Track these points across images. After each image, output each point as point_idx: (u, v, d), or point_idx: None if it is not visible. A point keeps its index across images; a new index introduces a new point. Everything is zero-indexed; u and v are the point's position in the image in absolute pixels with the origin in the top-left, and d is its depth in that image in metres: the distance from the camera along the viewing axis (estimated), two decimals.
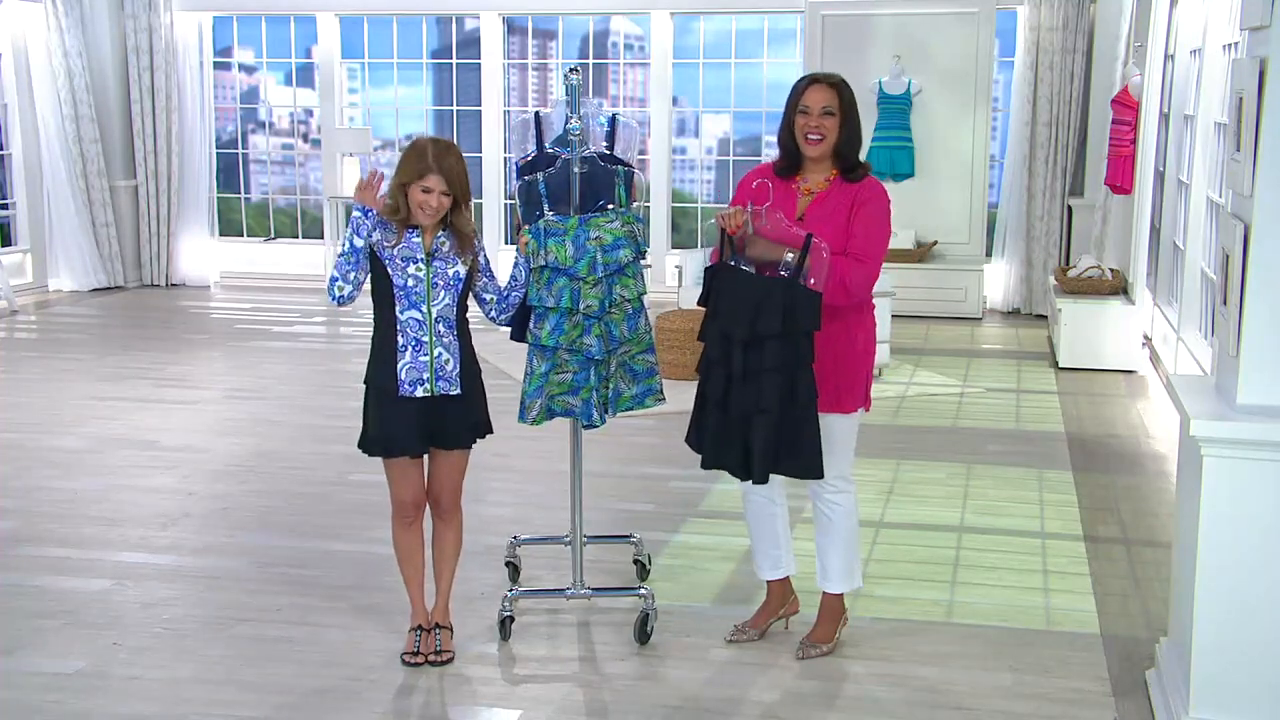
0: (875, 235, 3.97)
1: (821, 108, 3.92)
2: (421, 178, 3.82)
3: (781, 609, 4.36)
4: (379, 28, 12.38)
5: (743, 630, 4.32)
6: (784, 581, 4.33)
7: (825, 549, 4.20)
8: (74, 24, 11.46)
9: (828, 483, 4.09)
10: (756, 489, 4.18)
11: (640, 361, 4.26)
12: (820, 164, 3.99)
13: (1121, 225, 9.48)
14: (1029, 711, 3.83)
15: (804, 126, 3.93)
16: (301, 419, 7.25)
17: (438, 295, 3.92)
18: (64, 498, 5.81)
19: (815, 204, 3.98)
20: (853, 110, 3.97)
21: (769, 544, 4.28)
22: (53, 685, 3.98)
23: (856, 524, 4.20)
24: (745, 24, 11.78)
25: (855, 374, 4.04)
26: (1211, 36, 7.41)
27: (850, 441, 4.12)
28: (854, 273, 3.90)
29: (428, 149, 3.84)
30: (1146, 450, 6.72)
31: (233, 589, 4.77)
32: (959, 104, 10.49)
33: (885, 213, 4.01)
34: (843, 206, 3.96)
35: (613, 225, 4.11)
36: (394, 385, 3.91)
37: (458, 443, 4.06)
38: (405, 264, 3.89)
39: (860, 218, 3.95)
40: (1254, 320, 3.43)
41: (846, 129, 3.94)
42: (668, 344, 8.09)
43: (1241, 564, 3.44)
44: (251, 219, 13.06)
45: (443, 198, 3.84)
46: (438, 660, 4.11)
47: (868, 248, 3.95)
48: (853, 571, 4.22)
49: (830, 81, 3.96)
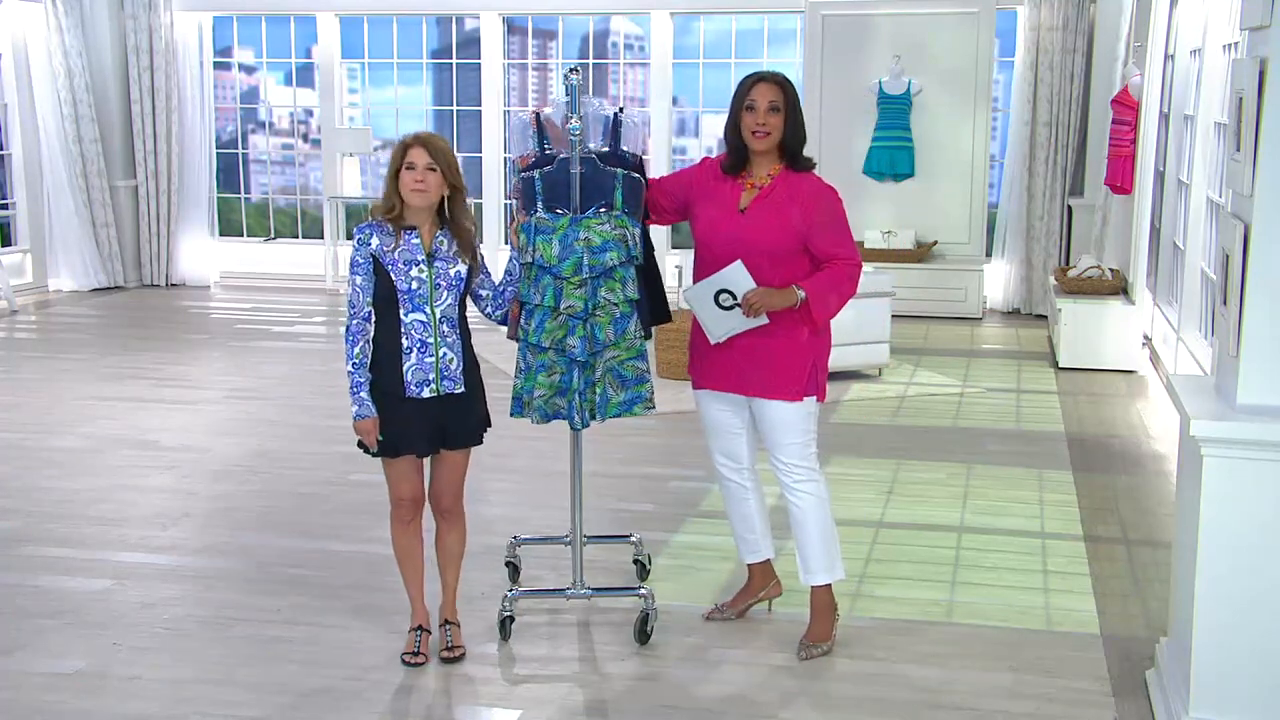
0: (843, 231, 4.09)
1: (768, 104, 4.01)
2: (404, 155, 3.86)
3: (762, 591, 4.46)
4: (379, 28, 12.38)
5: (721, 610, 4.45)
6: (764, 565, 4.45)
7: (802, 541, 4.22)
8: (74, 24, 11.46)
9: (791, 471, 4.15)
10: (729, 475, 4.32)
11: (630, 368, 4.22)
12: (766, 158, 4.08)
13: (1121, 225, 9.48)
14: (1029, 711, 3.83)
15: (750, 123, 4.02)
16: (301, 419, 7.25)
17: (440, 296, 3.93)
18: (64, 498, 5.81)
19: (760, 197, 4.06)
20: (796, 106, 4.07)
21: (744, 528, 4.40)
22: (53, 685, 3.98)
23: (829, 514, 4.22)
24: (745, 24, 11.78)
25: (800, 362, 4.09)
26: (1211, 36, 7.41)
27: (804, 429, 4.14)
28: (847, 274, 4.05)
29: (406, 135, 3.92)
30: (1146, 450, 6.72)
31: (233, 589, 4.77)
32: (959, 104, 10.49)
33: (839, 206, 4.11)
34: (789, 200, 4.03)
35: (604, 227, 4.10)
36: (400, 388, 3.92)
37: (465, 441, 4.07)
38: (407, 267, 3.89)
39: (820, 223, 4.03)
40: (1254, 320, 3.43)
41: (791, 124, 4.04)
42: (667, 344, 8.09)
43: (1241, 564, 3.43)
44: (251, 219, 13.06)
45: (428, 171, 3.85)
46: (449, 656, 4.12)
47: (842, 246, 4.06)
48: (833, 563, 4.23)
49: (775, 79, 4.06)
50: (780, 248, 4.00)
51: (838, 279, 4.03)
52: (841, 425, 7.16)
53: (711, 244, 4.09)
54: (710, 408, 4.28)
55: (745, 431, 4.28)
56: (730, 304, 4.01)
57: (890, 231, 10.51)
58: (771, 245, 4.00)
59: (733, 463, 4.33)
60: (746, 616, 4.48)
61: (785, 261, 4.01)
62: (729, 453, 4.32)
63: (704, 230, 4.12)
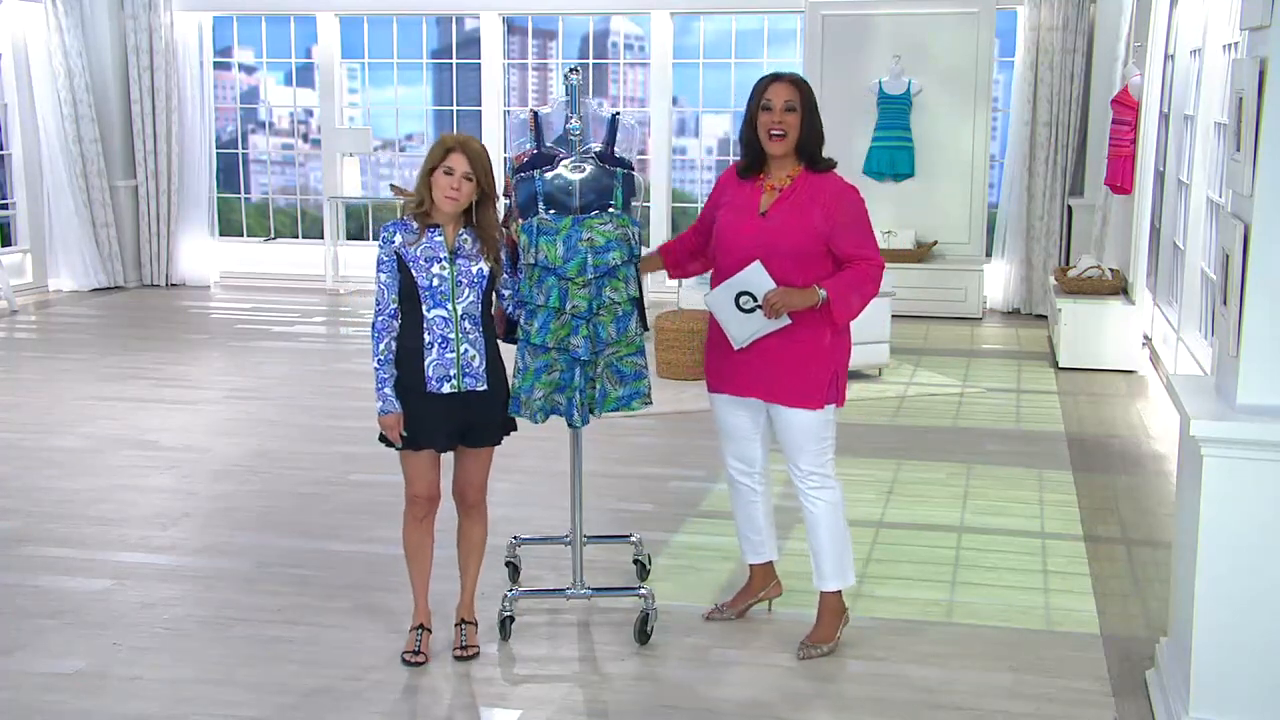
0: (866, 232, 4.07)
1: (784, 103, 3.98)
2: (444, 158, 3.87)
3: (762, 591, 4.46)
4: (379, 28, 12.37)
5: (721, 610, 4.45)
6: (765, 566, 4.44)
7: (815, 547, 4.22)
8: (74, 24, 11.45)
9: (807, 478, 4.14)
10: (740, 478, 4.28)
11: (628, 364, 4.23)
12: (784, 161, 4.05)
13: (1121, 225, 9.48)
14: (1029, 711, 3.83)
15: (767, 123, 3.99)
16: (301, 419, 7.25)
17: (462, 293, 3.95)
18: (64, 498, 5.81)
19: (781, 199, 4.03)
20: (813, 107, 4.04)
21: (749, 529, 4.39)
22: (53, 685, 3.98)
23: (844, 520, 4.22)
24: (745, 24, 11.78)
25: (822, 370, 4.07)
26: (1211, 36, 7.41)
27: (822, 436, 4.14)
28: (869, 274, 4.02)
29: (447, 136, 3.94)
30: (1146, 450, 6.72)
31: (233, 589, 4.77)
32: (959, 104, 10.49)
33: (862, 206, 4.09)
34: (811, 202, 4.01)
35: (606, 227, 4.10)
36: (421, 382, 3.94)
37: (486, 440, 4.10)
38: (429, 264, 3.92)
39: (842, 223, 4.01)
40: (1254, 320, 3.43)
41: (808, 125, 4.01)
42: (667, 344, 8.09)
43: (1241, 564, 3.44)
44: (251, 219, 13.06)
45: (464, 180, 3.87)
46: (463, 655, 4.14)
47: (864, 247, 4.04)
48: (845, 568, 4.23)
49: (792, 79, 4.04)
50: (803, 249, 3.97)
51: (860, 279, 4.00)
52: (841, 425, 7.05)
53: (733, 248, 4.04)
54: (727, 412, 4.25)
55: (761, 435, 4.26)
56: (751, 306, 3.97)
57: (890, 231, 10.50)
58: (794, 247, 3.97)
59: (745, 466, 4.31)
60: (746, 616, 4.48)
61: (808, 263, 3.99)
62: (742, 456, 4.30)
63: (725, 234, 4.07)
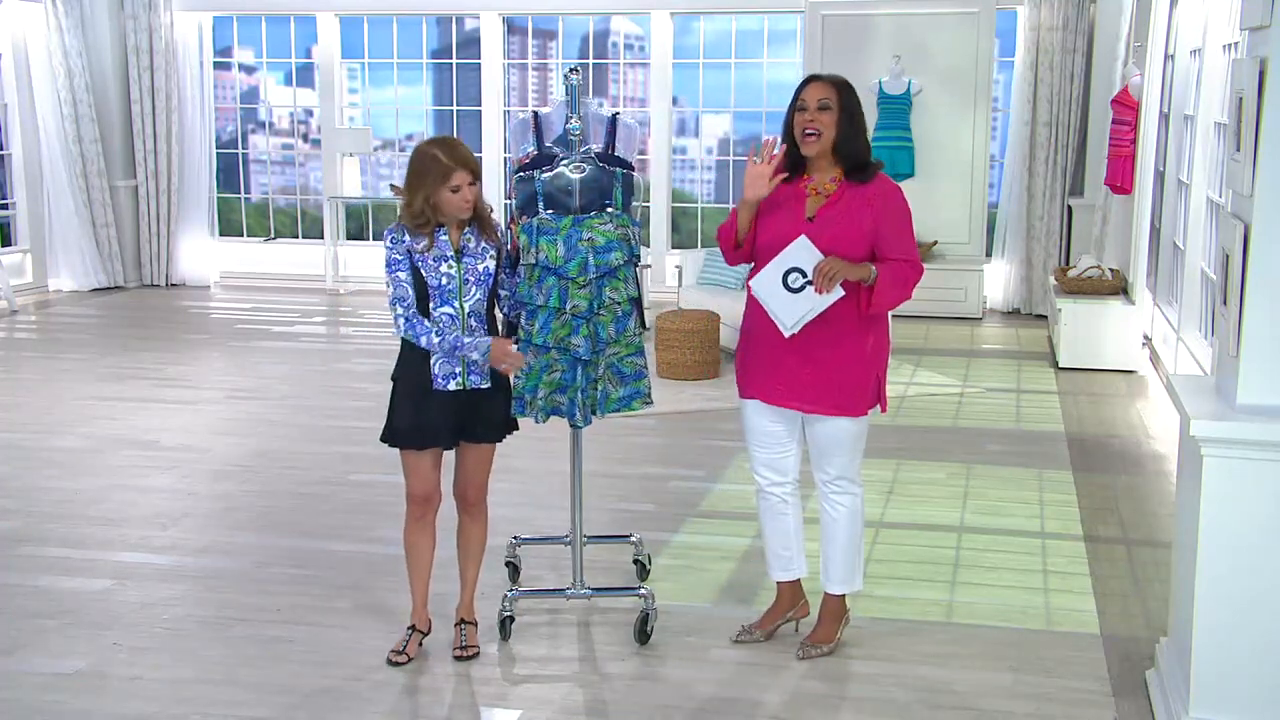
0: (909, 236, 3.99)
1: (818, 101, 3.89)
2: (447, 180, 3.85)
3: (790, 611, 4.33)
4: (379, 28, 12.37)
5: (749, 631, 4.31)
6: (794, 584, 4.31)
7: (828, 550, 4.19)
8: (74, 24, 11.45)
9: (834, 482, 4.10)
10: (770, 489, 4.17)
11: (629, 364, 4.24)
12: (822, 163, 3.95)
13: (1121, 225, 9.48)
14: (1029, 711, 3.83)
15: (800, 122, 3.90)
16: (301, 419, 7.25)
17: (469, 291, 3.97)
18: (64, 498, 5.81)
19: (827, 206, 3.93)
20: (853, 110, 3.92)
21: (780, 544, 4.25)
22: (53, 685, 3.98)
23: (861, 526, 4.20)
24: (745, 24, 11.78)
25: (866, 376, 4.01)
26: (1211, 36, 7.40)
27: (859, 444, 4.11)
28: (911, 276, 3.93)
29: (438, 154, 3.85)
30: (1146, 450, 6.72)
31: (233, 589, 4.77)
32: (959, 104, 10.49)
33: (907, 207, 4.01)
34: (860, 209, 3.91)
35: (606, 227, 4.11)
36: (428, 380, 3.96)
37: (488, 437, 4.10)
38: (438, 263, 3.94)
39: (890, 223, 3.93)
40: (1254, 320, 3.43)
41: (844, 126, 3.90)
42: (668, 344, 8.09)
43: (1241, 564, 3.44)
44: (251, 219, 13.06)
45: (470, 188, 3.88)
46: (463, 655, 4.14)
47: (908, 252, 3.95)
48: (855, 574, 4.22)
49: (830, 79, 3.95)
50: (852, 254, 3.87)
51: (903, 276, 3.91)
52: None
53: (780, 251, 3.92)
54: (760, 419, 4.10)
55: (796, 444, 4.15)
56: (800, 284, 3.84)
57: None
58: (842, 252, 3.86)
59: (777, 476, 4.16)
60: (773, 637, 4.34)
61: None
62: (775, 466, 4.16)
63: (772, 239, 3.93)
